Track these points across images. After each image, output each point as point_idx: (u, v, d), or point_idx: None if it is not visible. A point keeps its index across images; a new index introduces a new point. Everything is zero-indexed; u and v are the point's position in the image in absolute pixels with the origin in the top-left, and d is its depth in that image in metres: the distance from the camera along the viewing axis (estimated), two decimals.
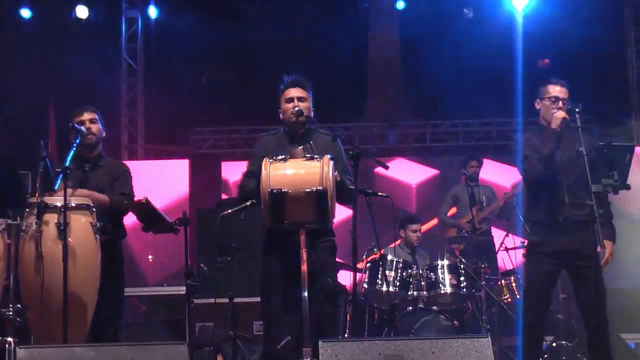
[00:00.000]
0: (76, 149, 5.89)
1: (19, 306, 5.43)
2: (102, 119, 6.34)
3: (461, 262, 7.89)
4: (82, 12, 13.05)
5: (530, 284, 6.02)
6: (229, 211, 5.56)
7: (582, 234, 5.77)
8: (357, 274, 5.99)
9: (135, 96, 13.88)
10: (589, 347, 5.93)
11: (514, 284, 8.16)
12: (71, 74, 12.34)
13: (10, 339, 5.19)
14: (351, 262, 5.49)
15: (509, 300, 8.05)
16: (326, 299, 5.41)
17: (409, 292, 7.73)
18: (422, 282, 7.77)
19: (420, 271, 7.82)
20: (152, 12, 13.40)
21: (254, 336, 7.43)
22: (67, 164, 5.57)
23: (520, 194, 8.85)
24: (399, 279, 7.70)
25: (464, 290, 7.76)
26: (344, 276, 7.68)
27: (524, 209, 6.25)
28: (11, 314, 5.35)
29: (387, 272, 7.65)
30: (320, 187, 4.96)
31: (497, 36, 12.72)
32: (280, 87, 5.73)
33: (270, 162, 5.07)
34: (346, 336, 7.31)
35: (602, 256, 5.78)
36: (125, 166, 6.48)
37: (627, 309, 8.56)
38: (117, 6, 13.60)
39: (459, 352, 4.50)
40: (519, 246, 8.45)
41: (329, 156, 5.11)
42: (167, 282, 11.42)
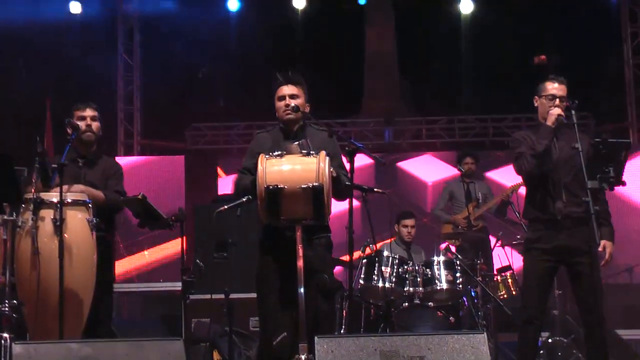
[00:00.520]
0: (72, 144, 5.90)
1: (15, 302, 5.42)
2: (100, 118, 6.32)
3: (457, 258, 7.89)
4: (76, 7, 13.01)
5: (527, 280, 6.00)
6: (225, 207, 5.55)
7: (579, 231, 5.75)
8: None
9: (131, 92, 13.88)
10: (586, 344, 5.91)
11: (509, 280, 8.15)
12: (67, 70, 12.33)
13: (6, 335, 5.19)
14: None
15: (505, 296, 8.05)
16: (322, 295, 5.41)
17: (405, 288, 7.73)
18: (418, 278, 7.76)
19: (416, 267, 7.82)
20: (149, 7, 13.39)
21: (250, 332, 7.42)
22: (63, 160, 5.56)
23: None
24: (395, 275, 7.69)
25: (460, 286, 7.76)
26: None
27: (524, 205, 6.23)
28: (7, 309, 5.35)
29: (383, 268, 7.65)
30: (316, 183, 4.95)
31: (492, 33, 12.77)
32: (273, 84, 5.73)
33: (266, 158, 5.07)
34: (342, 332, 7.31)
35: (602, 256, 5.78)
36: (118, 165, 6.46)
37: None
38: (113, 1, 13.60)
39: (455, 348, 4.51)
40: (515, 243, 8.45)
41: (324, 152, 5.11)
42: (163, 278, 11.44)
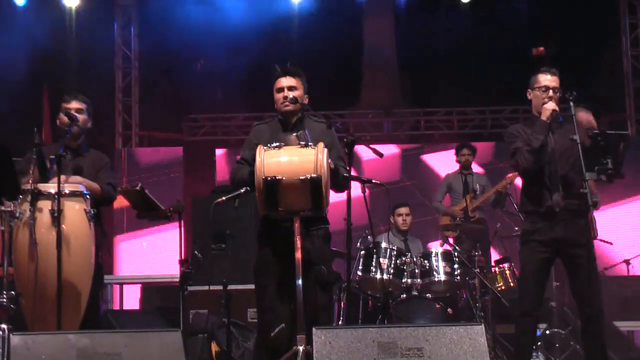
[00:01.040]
0: (69, 135, 5.88)
1: (13, 293, 5.42)
2: (90, 110, 6.26)
3: (455, 249, 7.90)
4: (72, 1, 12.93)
5: (524, 272, 6.01)
6: (223, 198, 5.53)
7: (576, 223, 5.76)
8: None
9: (129, 83, 13.85)
10: (583, 336, 5.92)
11: (507, 272, 8.15)
12: (65, 62, 12.31)
13: (4, 326, 5.18)
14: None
15: (503, 288, 8.05)
16: (320, 286, 5.41)
17: (403, 280, 7.75)
18: (416, 270, 7.78)
19: (414, 259, 7.83)
20: None
21: (248, 323, 7.42)
22: (61, 151, 5.55)
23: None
24: (393, 266, 7.71)
25: (458, 278, 7.78)
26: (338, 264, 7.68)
27: (520, 199, 6.22)
28: (5, 300, 5.34)
29: (381, 260, 7.66)
30: (314, 175, 4.95)
31: (492, 23, 12.75)
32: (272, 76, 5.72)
33: (264, 150, 5.06)
34: (340, 323, 7.32)
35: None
36: (107, 157, 6.42)
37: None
38: None
39: (453, 339, 4.51)
40: (513, 234, 8.45)
41: (323, 144, 5.10)
42: (161, 269, 11.43)
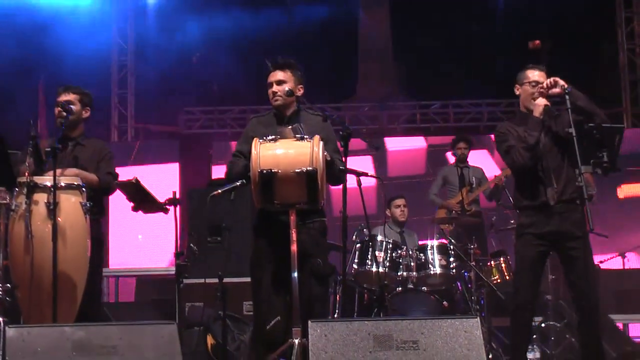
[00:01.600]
0: (65, 127, 5.88)
1: (9, 285, 5.42)
2: (86, 100, 6.23)
3: (451, 243, 7.91)
4: None
5: (520, 265, 6.00)
6: (219, 191, 5.53)
7: (570, 216, 5.76)
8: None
9: (125, 76, 13.84)
10: (579, 329, 5.91)
11: (503, 265, 8.15)
12: (61, 54, 12.28)
13: None
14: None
15: (499, 281, 8.05)
16: (316, 279, 5.41)
17: (399, 273, 7.75)
18: (412, 263, 7.78)
19: (409, 252, 7.83)
20: None
21: (243, 316, 7.42)
22: (57, 144, 5.55)
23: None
24: (388, 259, 7.71)
25: (454, 271, 7.78)
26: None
27: (513, 195, 6.21)
28: (1, 293, 5.35)
29: (376, 253, 7.66)
30: (310, 168, 4.95)
31: (486, 17, 12.76)
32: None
33: (260, 142, 5.06)
34: (336, 316, 7.32)
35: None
36: (108, 147, 6.41)
37: None
38: None
39: (448, 332, 4.52)
40: (509, 227, 8.45)
41: (319, 136, 5.10)
42: (157, 262, 11.45)
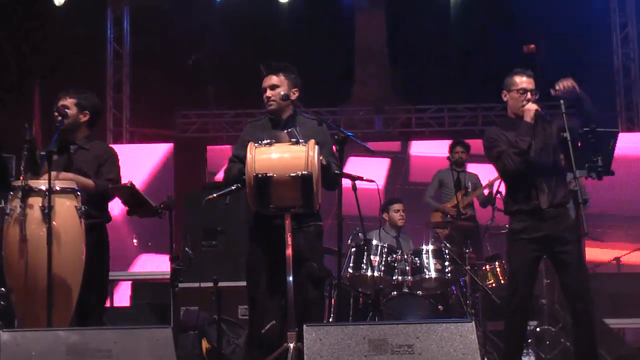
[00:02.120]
0: (60, 132, 5.86)
1: (3, 289, 5.41)
2: (85, 103, 6.18)
3: (446, 247, 7.91)
4: None
5: (514, 270, 6.01)
6: (214, 195, 5.53)
7: (563, 220, 5.77)
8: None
9: (120, 79, 13.83)
10: (574, 333, 5.92)
11: (498, 269, 8.15)
12: (57, 57, 12.27)
13: None
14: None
15: (494, 285, 8.06)
16: (311, 283, 5.42)
17: (394, 277, 7.75)
18: (407, 267, 7.78)
19: (405, 256, 7.83)
20: None
21: (238, 320, 7.42)
22: (52, 147, 5.53)
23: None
24: (383, 263, 7.71)
25: (449, 275, 7.78)
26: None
27: (505, 200, 6.21)
28: None
29: (372, 257, 7.66)
30: (305, 172, 4.95)
31: (481, 21, 12.77)
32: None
33: (255, 147, 5.07)
34: (331, 320, 7.32)
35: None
36: (112, 150, 6.31)
37: None
38: None
39: (443, 336, 4.51)
40: (503, 232, 8.45)
41: (314, 141, 5.11)
42: (151, 266, 11.44)
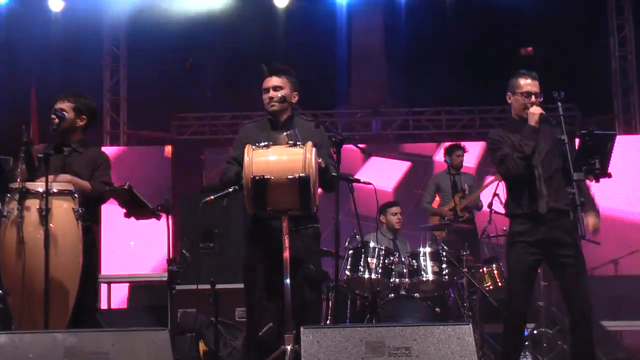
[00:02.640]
0: (57, 134, 5.87)
1: (1, 292, 5.41)
2: (82, 108, 6.18)
3: (443, 249, 7.91)
4: (56, 5, 12.79)
5: (513, 272, 5.98)
6: (212, 197, 5.53)
7: (562, 223, 5.76)
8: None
9: (118, 82, 13.82)
10: (572, 335, 5.90)
11: (495, 272, 8.14)
12: (54, 60, 12.26)
13: None
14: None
15: (491, 287, 8.05)
16: (309, 285, 5.42)
17: (391, 279, 7.75)
18: (404, 270, 7.79)
19: (402, 258, 7.84)
20: None
21: (236, 322, 7.42)
22: (49, 150, 5.54)
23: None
24: (381, 266, 7.71)
25: (446, 277, 7.78)
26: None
27: (505, 203, 6.21)
28: None
29: (369, 260, 7.66)
30: (303, 174, 4.95)
31: (478, 24, 12.79)
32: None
33: (253, 149, 5.07)
34: (328, 323, 7.32)
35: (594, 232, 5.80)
36: (105, 155, 6.36)
37: None
38: None
39: (441, 339, 4.52)
40: (501, 234, 8.45)
41: (311, 143, 5.11)
42: (149, 268, 11.42)
